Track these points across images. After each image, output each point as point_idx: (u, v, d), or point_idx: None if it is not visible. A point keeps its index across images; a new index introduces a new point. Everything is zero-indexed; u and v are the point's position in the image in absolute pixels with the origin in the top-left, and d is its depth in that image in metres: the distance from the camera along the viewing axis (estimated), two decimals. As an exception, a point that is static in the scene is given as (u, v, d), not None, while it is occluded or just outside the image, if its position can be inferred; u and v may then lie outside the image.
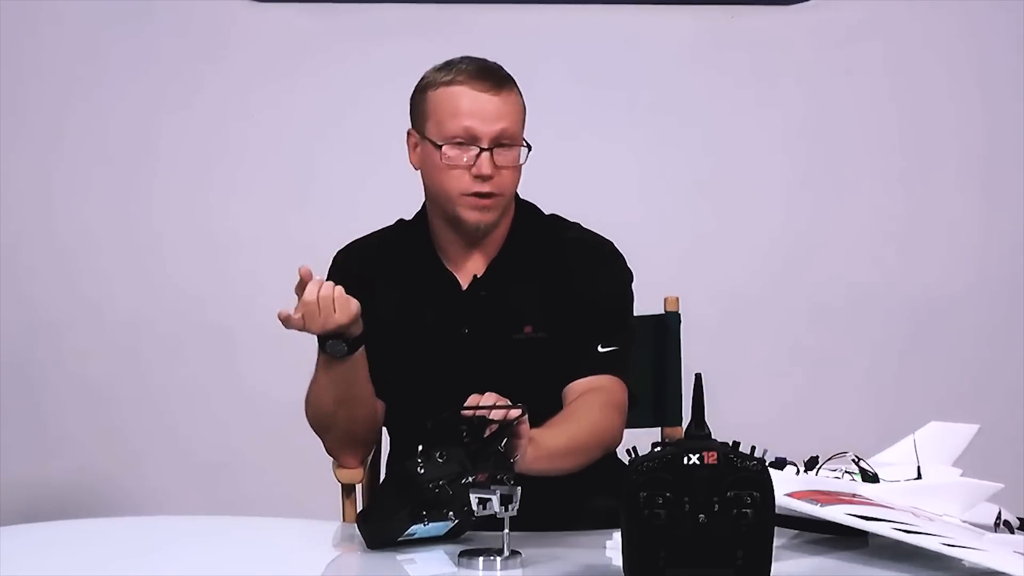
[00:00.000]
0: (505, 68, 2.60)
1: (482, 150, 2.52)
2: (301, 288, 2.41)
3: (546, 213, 2.70)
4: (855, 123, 4.11)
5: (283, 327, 2.44)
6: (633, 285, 2.67)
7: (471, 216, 2.55)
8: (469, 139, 2.52)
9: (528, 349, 2.57)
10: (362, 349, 2.48)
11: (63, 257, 4.07)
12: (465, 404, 2.18)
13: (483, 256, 2.61)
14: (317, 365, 2.51)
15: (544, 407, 2.39)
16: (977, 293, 4.10)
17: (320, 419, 2.57)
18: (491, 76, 2.56)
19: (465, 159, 2.52)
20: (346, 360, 2.47)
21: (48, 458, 4.06)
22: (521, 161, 2.56)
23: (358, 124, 3.96)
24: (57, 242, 4.07)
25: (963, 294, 4.10)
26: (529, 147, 2.57)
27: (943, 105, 4.10)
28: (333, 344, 2.45)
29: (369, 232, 2.71)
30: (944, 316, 4.10)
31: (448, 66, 2.58)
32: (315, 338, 2.49)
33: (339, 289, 2.41)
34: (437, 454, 2.12)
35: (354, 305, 2.42)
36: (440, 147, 2.53)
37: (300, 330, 2.43)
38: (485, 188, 2.52)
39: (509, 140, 2.54)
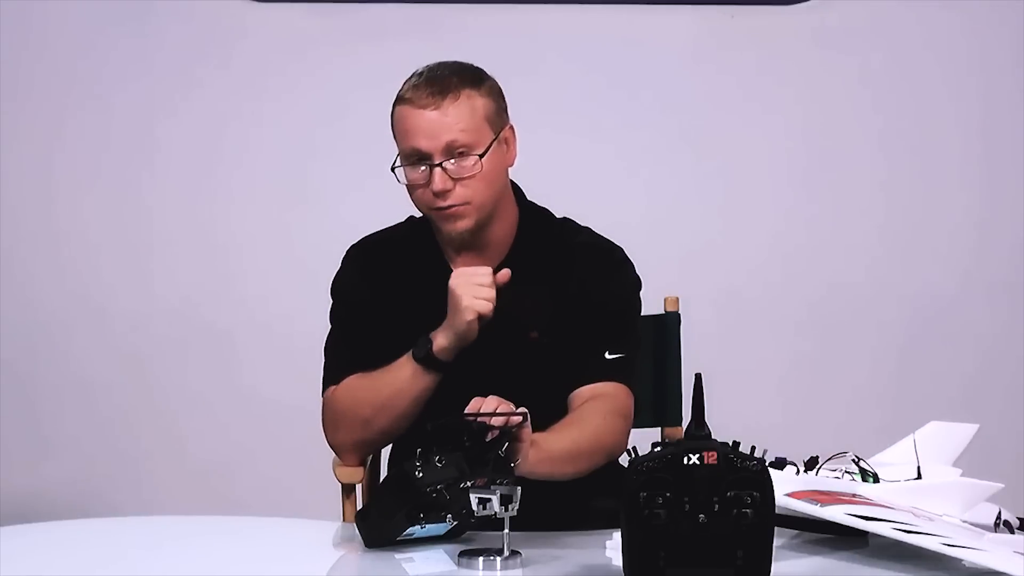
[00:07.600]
0: (470, 67, 2.54)
1: (432, 166, 2.49)
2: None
3: (557, 216, 2.67)
4: (855, 123, 4.11)
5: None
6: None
7: (448, 228, 2.53)
8: (420, 157, 2.49)
9: (533, 354, 2.55)
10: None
11: (63, 257, 4.07)
12: (467, 409, 2.17)
13: (490, 260, 2.58)
14: (398, 372, 2.48)
15: (548, 412, 2.38)
16: (977, 293, 4.10)
17: (358, 412, 2.53)
18: (433, 87, 2.50)
19: (421, 178, 2.50)
20: (437, 376, 2.47)
21: (47, 458, 4.06)
22: (475, 169, 2.48)
23: (358, 124, 3.94)
24: (57, 242, 4.07)
25: (962, 294, 4.09)
26: (499, 140, 2.51)
27: (943, 105, 4.10)
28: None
29: (380, 228, 2.69)
30: (944, 316, 4.10)
31: (408, 79, 2.54)
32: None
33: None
34: (436, 458, 2.11)
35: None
36: (401, 168, 2.52)
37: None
38: (447, 202, 2.49)
39: (463, 148, 2.48)
